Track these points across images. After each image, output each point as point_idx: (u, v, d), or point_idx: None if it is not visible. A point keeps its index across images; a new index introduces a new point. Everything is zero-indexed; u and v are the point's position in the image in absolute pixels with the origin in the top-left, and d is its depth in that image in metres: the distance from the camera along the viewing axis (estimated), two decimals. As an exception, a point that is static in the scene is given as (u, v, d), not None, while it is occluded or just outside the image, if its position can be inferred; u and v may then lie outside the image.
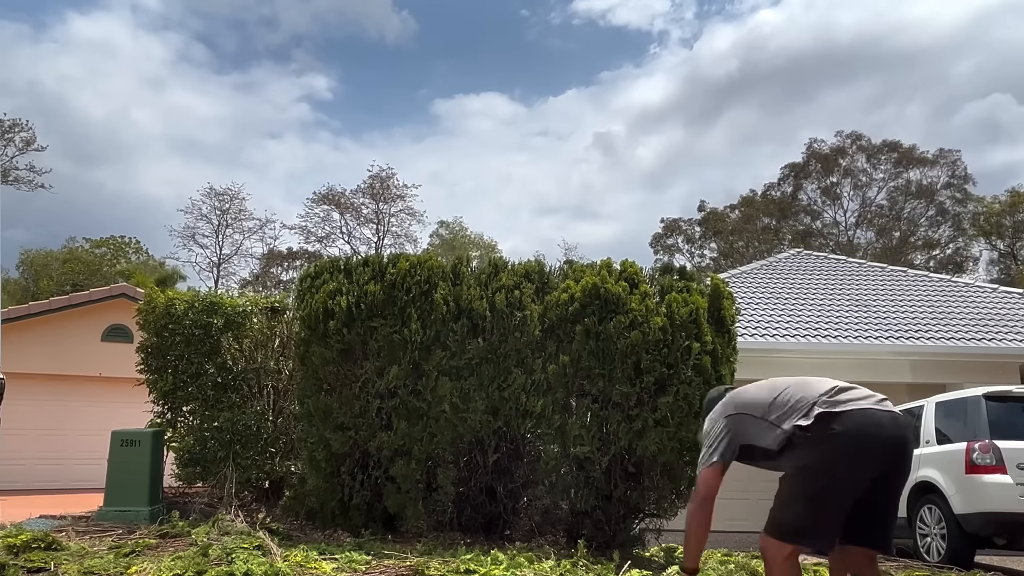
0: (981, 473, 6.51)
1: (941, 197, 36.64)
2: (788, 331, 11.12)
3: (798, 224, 39.47)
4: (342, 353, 6.17)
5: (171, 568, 4.09)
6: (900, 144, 37.43)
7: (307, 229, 37.50)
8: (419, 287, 6.16)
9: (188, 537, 5.40)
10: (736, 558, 5.48)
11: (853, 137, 38.15)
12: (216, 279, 35.80)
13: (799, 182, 39.23)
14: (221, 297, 8.30)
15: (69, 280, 30.50)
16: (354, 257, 7.01)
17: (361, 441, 6.16)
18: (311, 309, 6.26)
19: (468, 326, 6.04)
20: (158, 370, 7.96)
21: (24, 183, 30.05)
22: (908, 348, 10.63)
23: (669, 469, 5.95)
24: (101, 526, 6.35)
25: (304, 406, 6.47)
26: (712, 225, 40.96)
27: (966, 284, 14.22)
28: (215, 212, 35.66)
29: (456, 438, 5.98)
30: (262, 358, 8.33)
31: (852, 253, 30.49)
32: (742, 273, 14.61)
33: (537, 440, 6.18)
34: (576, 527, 6.04)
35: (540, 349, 6.01)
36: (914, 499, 7.29)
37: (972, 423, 6.98)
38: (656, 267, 6.89)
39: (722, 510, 10.85)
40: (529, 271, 6.43)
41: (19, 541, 4.55)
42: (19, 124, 30.06)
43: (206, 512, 7.02)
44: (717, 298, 6.30)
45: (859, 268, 14.96)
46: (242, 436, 7.69)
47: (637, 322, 5.85)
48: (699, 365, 5.84)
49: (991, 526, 6.46)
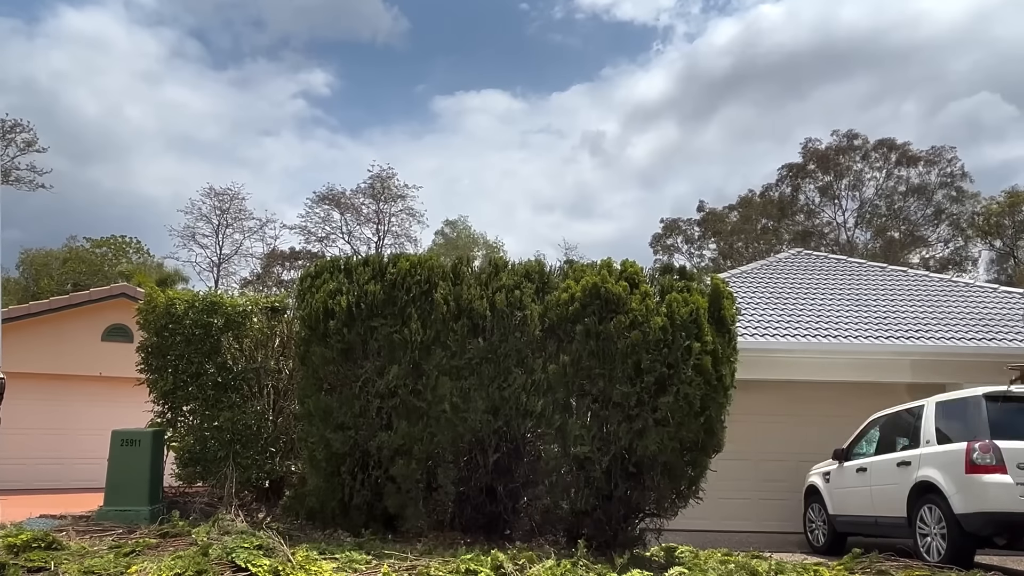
0: (981, 473, 6.51)
1: (938, 196, 36.67)
2: (788, 331, 11.11)
3: (796, 225, 39.49)
4: (342, 353, 6.17)
5: (171, 568, 4.09)
6: (894, 141, 37.52)
7: (307, 229, 37.56)
8: (419, 287, 6.16)
9: (188, 537, 5.41)
10: (736, 558, 5.48)
11: (849, 136, 38.19)
12: (216, 279, 35.82)
13: (796, 183, 39.24)
14: (221, 297, 8.30)
15: (70, 280, 30.51)
16: (354, 257, 7.01)
17: (361, 441, 6.16)
18: (311, 309, 6.27)
19: (468, 326, 6.04)
20: (158, 370, 7.96)
21: (25, 183, 30.09)
22: (908, 348, 10.62)
23: (669, 469, 5.95)
24: (101, 526, 6.35)
25: (304, 406, 6.47)
26: (711, 225, 40.99)
27: (966, 284, 14.21)
28: (215, 212, 35.72)
29: (456, 438, 5.99)
30: (262, 358, 8.33)
31: (851, 253, 30.47)
32: (742, 273, 14.60)
33: (537, 440, 6.18)
34: (576, 527, 6.04)
35: (540, 349, 6.01)
36: (914, 499, 7.29)
37: (972, 423, 6.98)
38: (656, 267, 6.90)
39: (722, 510, 10.80)
40: (529, 271, 6.44)
41: (19, 541, 4.56)
42: (20, 124, 30.10)
43: (206, 512, 7.02)
44: (717, 298, 6.31)
45: (859, 268, 14.96)
46: (242, 436, 7.69)
47: (637, 322, 5.85)
48: (699, 365, 5.84)
49: (991, 526, 6.46)
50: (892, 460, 7.92)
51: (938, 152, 36.75)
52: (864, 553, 5.96)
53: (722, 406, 6.02)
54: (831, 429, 10.04)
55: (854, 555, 5.84)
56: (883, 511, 7.91)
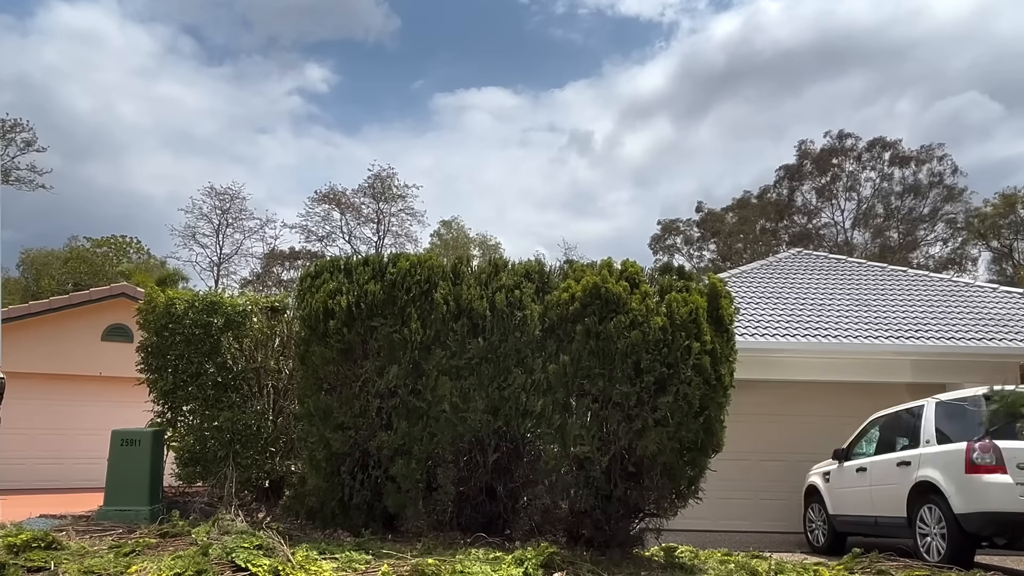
0: (981, 473, 6.51)
1: (931, 195, 36.66)
2: (788, 331, 11.11)
3: (795, 226, 39.48)
4: (342, 352, 6.18)
5: (171, 567, 4.09)
6: (885, 139, 37.57)
7: (307, 228, 37.58)
8: (419, 287, 6.16)
9: (188, 536, 5.40)
10: (736, 558, 5.48)
11: (842, 136, 38.20)
12: (216, 278, 35.82)
13: (793, 184, 39.23)
14: (221, 297, 8.30)
15: (71, 279, 30.51)
16: (354, 257, 7.01)
17: (361, 441, 6.16)
18: (311, 309, 6.27)
19: (468, 326, 6.04)
20: (158, 369, 7.96)
21: (25, 183, 30.09)
22: (908, 348, 10.62)
23: (669, 469, 5.94)
24: (101, 525, 6.35)
25: (304, 406, 6.48)
26: (710, 226, 40.98)
27: (966, 284, 14.21)
28: (216, 211, 35.72)
29: (456, 438, 5.99)
30: (262, 358, 8.33)
31: (850, 254, 30.44)
32: (742, 273, 14.60)
33: (537, 440, 6.18)
34: (576, 527, 6.04)
35: (540, 349, 6.01)
36: (914, 499, 7.29)
37: (972, 423, 6.98)
38: (656, 267, 6.90)
39: (722, 510, 10.80)
40: (529, 271, 6.44)
41: (19, 540, 4.55)
42: (20, 124, 30.11)
43: (206, 511, 7.02)
44: (715, 297, 6.30)
45: (859, 268, 14.95)
46: (242, 435, 7.69)
47: (637, 322, 5.85)
48: (699, 365, 5.84)
49: (991, 526, 6.46)
50: (892, 460, 7.92)
51: (928, 151, 36.77)
52: (864, 553, 5.97)
53: (721, 406, 6.02)
54: (831, 429, 10.05)
55: (854, 555, 5.84)
56: (883, 511, 7.91)
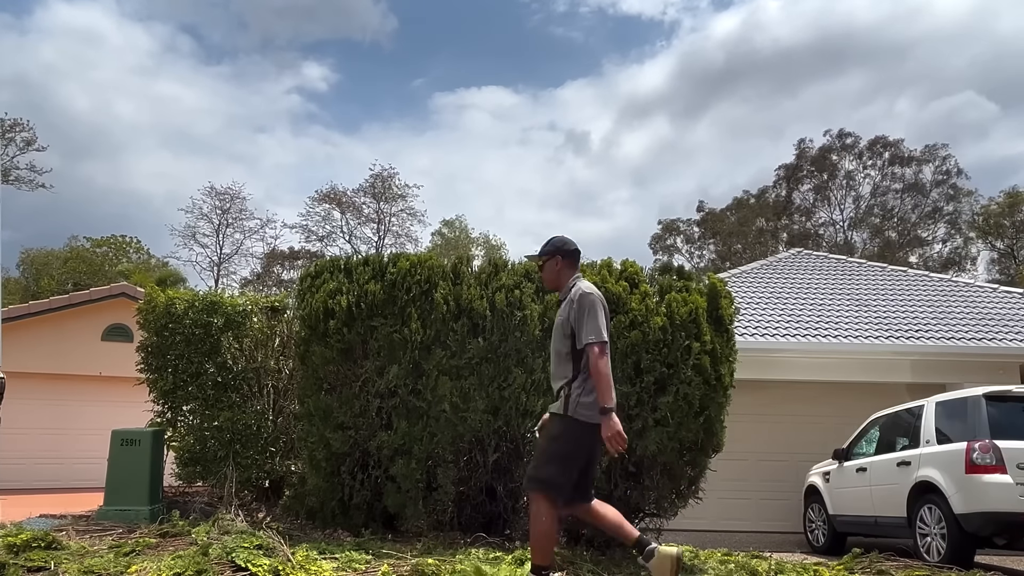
0: (981, 473, 6.51)
1: (933, 195, 36.66)
2: (788, 331, 11.11)
3: (794, 225, 39.47)
4: (342, 352, 6.17)
5: (171, 567, 4.09)
6: (887, 139, 37.54)
7: (308, 228, 37.58)
8: (419, 286, 6.16)
9: (188, 536, 5.40)
10: (736, 558, 5.46)
11: (842, 135, 38.18)
12: (216, 278, 35.82)
13: (792, 185, 39.22)
14: (221, 296, 8.30)
15: (70, 279, 30.51)
16: (354, 256, 7.01)
17: (361, 440, 6.16)
18: (311, 308, 6.27)
19: (468, 325, 6.04)
20: (158, 369, 7.96)
21: (25, 183, 30.08)
22: (908, 348, 10.62)
23: (669, 469, 5.95)
24: (101, 525, 6.35)
25: (304, 405, 6.48)
26: (711, 226, 40.98)
27: (966, 284, 14.21)
28: (216, 211, 35.72)
29: (456, 438, 5.99)
30: (262, 357, 8.33)
31: (849, 254, 30.45)
32: (742, 273, 14.60)
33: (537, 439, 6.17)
34: (576, 527, 6.04)
35: (540, 348, 6.00)
36: (914, 499, 7.29)
37: (972, 423, 6.98)
38: (655, 267, 6.90)
39: (722, 510, 10.79)
40: (529, 270, 6.43)
41: (19, 540, 4.55)
42: (20, 123, 30.10)
43: (206, 511, 7.02)
44: (715, 297, 6.31)
45: (859, 268, 14.95)
46: (242, 435, 7.69)
47: (637, 322, 5.85)
48: (699, 365, 5.85)
49: (991, 526, 6.46)
50: (892, 460, 7.92)
51: (932, 150, 36.75)
52: (864, 553, 5.96)
53: (721, 406, 6.03)
54: (831, 429, 10.05)
55: (854, 555, 5.83)
56: (883, 511, 7.91)
